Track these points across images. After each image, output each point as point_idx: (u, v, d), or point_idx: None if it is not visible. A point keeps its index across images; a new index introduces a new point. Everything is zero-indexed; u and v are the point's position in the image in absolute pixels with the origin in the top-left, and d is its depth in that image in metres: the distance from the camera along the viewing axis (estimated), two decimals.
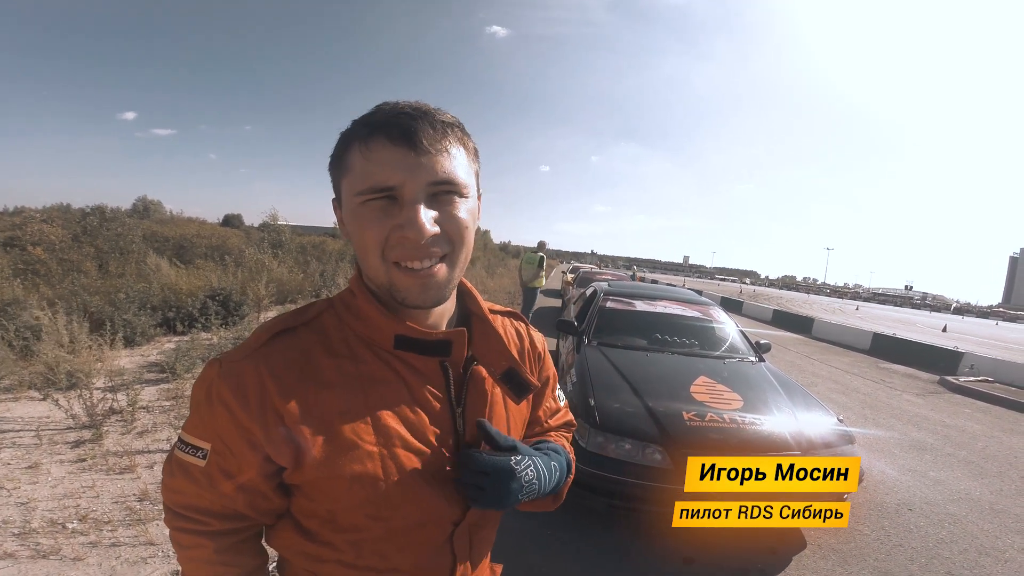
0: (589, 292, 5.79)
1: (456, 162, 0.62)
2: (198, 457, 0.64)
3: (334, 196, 0.68)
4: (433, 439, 0.67)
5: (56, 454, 3.21)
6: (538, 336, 0.90)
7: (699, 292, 5.82)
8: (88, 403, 3.57)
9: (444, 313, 0.72)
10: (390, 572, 0.67)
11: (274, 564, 0.76)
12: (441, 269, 0.62)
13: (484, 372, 0.73)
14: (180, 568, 0.71)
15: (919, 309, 58.92)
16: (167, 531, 0.73)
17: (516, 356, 0.78)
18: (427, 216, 0.59)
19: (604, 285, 5.65)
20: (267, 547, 0.75)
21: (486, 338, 0.75)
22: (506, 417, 0.75)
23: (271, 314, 8.37)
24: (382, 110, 0.61)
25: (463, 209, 0.63)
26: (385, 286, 0.63)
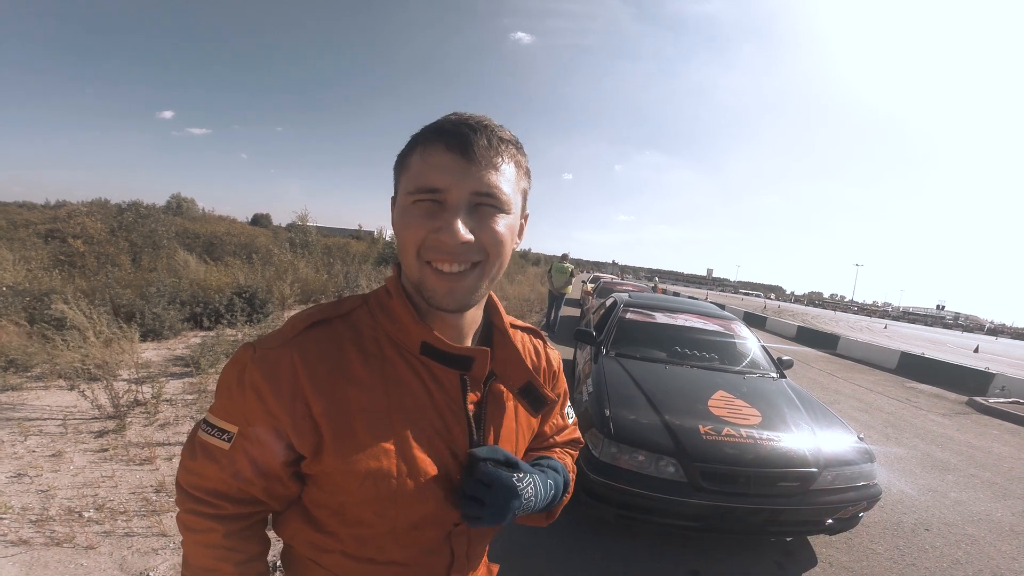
0: (609, 302, 5.73)
1: (504, 177, 0.64)
2: (223, 440, 0.65)
3: (393, 194, 0.71)
4: (446, 447, 0.69)
5: (80, 443, 3.29)
6: (554, 354, 0.92)
7: (721, 306, 5.72)
8: (113, 394, 3.66)
9: (472, 324, 0.74)
10: (389, 565, 0.70)
11: (276, 552, 0.79)
12: (469, 277, 0.64)
13: (502, 387, 0.76)
14: (183, 552, 0.71)
15: (951, 329, 56.84)
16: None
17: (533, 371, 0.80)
18: (465, 224, 0.61)
19: (625, 296, 5.60)
20: (270, 535, 0.77)
21: (506, 352, 0.77)
22: (516, 431, 0.78)
23: (295, 313, 8.49)
24: (449, 119, 0.64)
25: (502, 224, 0.65)
26: (416, 284, 0.65)
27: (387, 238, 20.05)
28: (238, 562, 0.69)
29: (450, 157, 0.61)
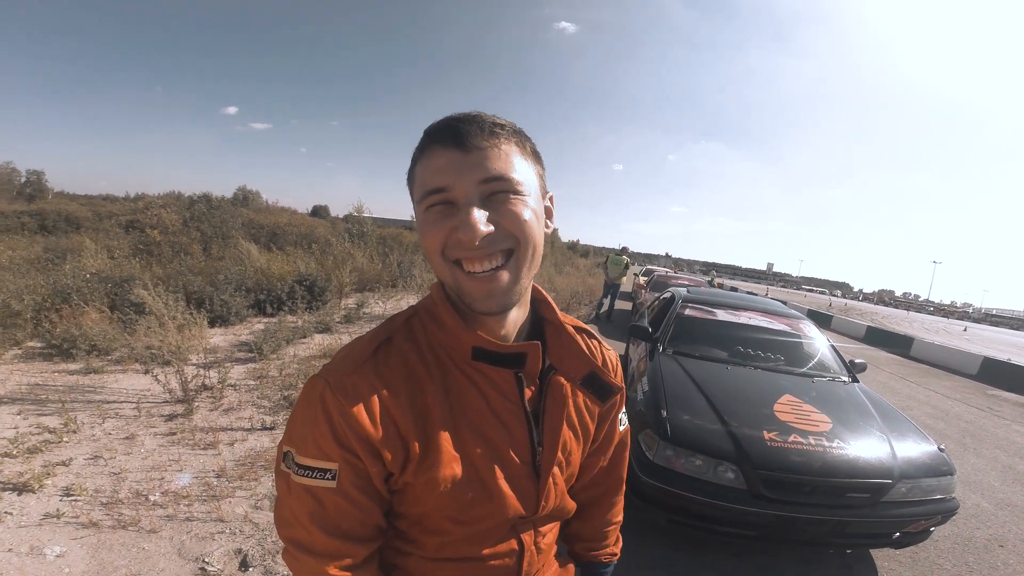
0: (666, 297, 5.51)
1: (508, 160, 0.61)
2: (327, 479, 0.62)
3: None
4: (509, 448, 0.70)
5: (151, 427, 3.48)
6: (612, 354, 0.89)
7: (784, 303, 5.39)
8: (183, 379, 3.85)
9: (517, 320, 0.72)
10: (464, 562, 0.72)
11: None
12: (504, 275, 0.62)
13: (563, 380, 0.75)
14: None
15: None
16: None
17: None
18: (480, 216, 0.59)
19: (683, 291, 5.35)
20: None
21: (562, 345, 0.76)
22: (577, 427, 0.78)
23: (351, 301, 8.75)
24: (438, 121, 0.63)
25: (521, 205, 0.62)
26: (454, 288, 0.65)
27: None
28: None
29: (446, 153, 0.60)
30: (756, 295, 6.29)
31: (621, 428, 0.94)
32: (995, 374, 10.65)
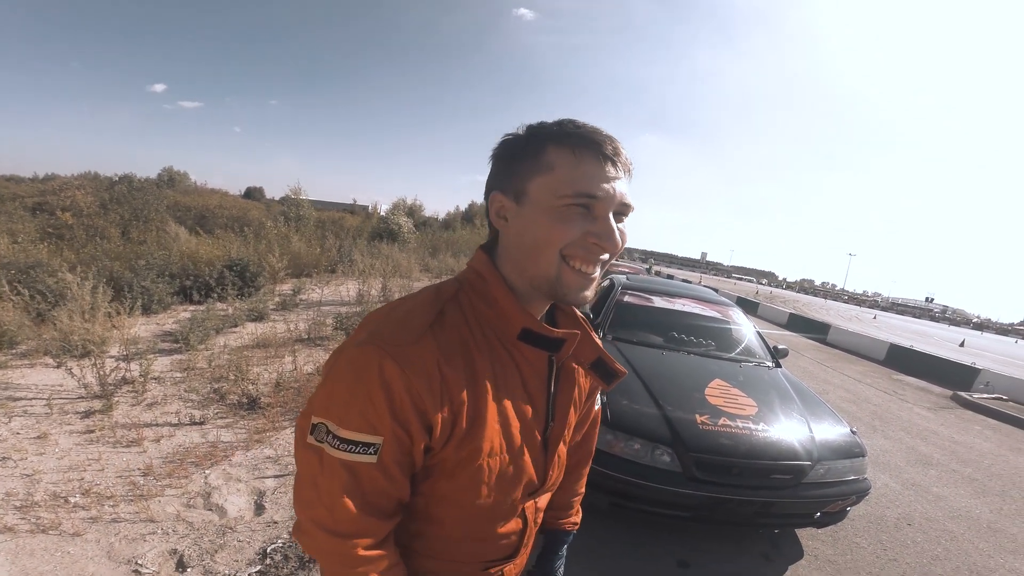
0: (606, 284, 5.67)
1: (629, 187, 0.70)
2: (369, 453, 0.63)
3: (499, 188, 0.72)
4: (535, 425, 0.76)
5: (66, 424, 3.23)
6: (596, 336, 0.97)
7: (715, 290, 5.68)
8: (101, 372, 3.58)
9: (545, 308, 0.79)
10: (471, 541, 0.77)
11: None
12: (598, 275, 0.70)
13: (574, 363, 0.82)
14: None
15: (938, 322, 57.47)
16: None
17: None
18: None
19: (622, 279, 5.51)
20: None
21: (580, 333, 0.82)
22: (579, 405, 0.87)
23: (287, 287, 8.41)
24: (586, 127, 0.68)
25: (625, 227, 0.71)
26: (550, 280, 0.69)
27: (381, 213, 19.83)
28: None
29: (603, 168, 0.65)
30: (691, 283, 6.60)
31: (597, 407, 1.04)
32: (899, 360, 11.67)
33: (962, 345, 21.38)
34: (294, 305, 7.39)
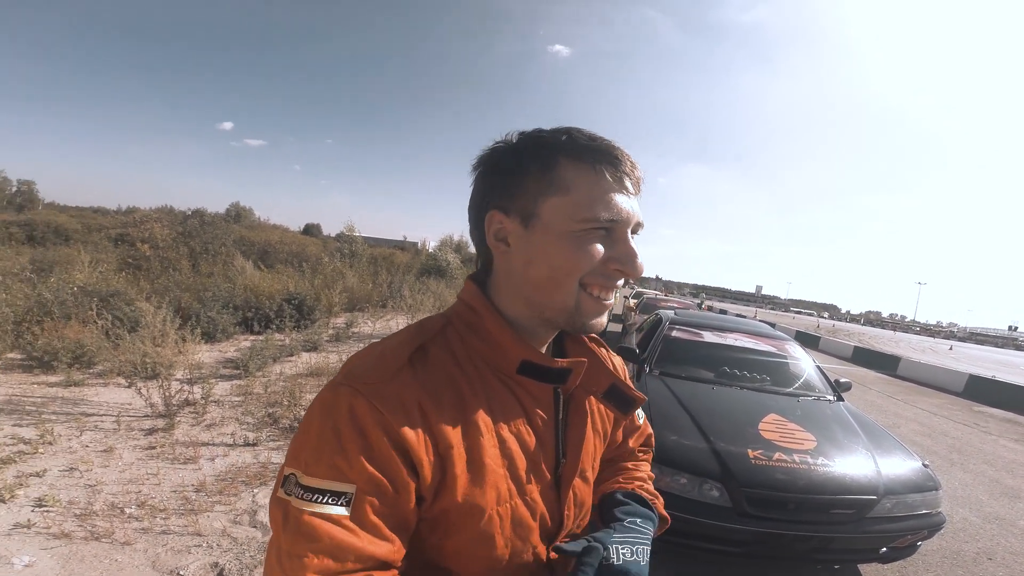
0: (653, 319, 5.55)
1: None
2: (339, 504, 0.52)
3: (498, 207, 0.64)
4: (544, 464, 0.67)
5: (131, 440, 3.42)
6: (619, 359, 0.89)
7: (772, 325, 5.45)
8: (167, 393, 3.79)
9: (551, 336, 0.73)
10: None
11: None
12: (612, 301, 0.65)
13: (583, 393, 0.74)
14: None
15: None
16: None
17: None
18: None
19: (670, 313, 5.40)
20: None
21: (587, 359, 0.74)
22: (594, 439, 0.77)
23: (340, 320, 8.71)
24: (600, 139, 0.62)
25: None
26: (568, 310, 0.63)
27: (430, 250, 20.39)
28: None
29: (623, 188, 0.61)
30: (744, 317, 6.37)
31: (640, 422, 0.97)
32: (980, 391, 10.81)
33: None
34: (347, 337, 7.63)
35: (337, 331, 7.81)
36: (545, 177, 0.60)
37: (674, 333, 4.50)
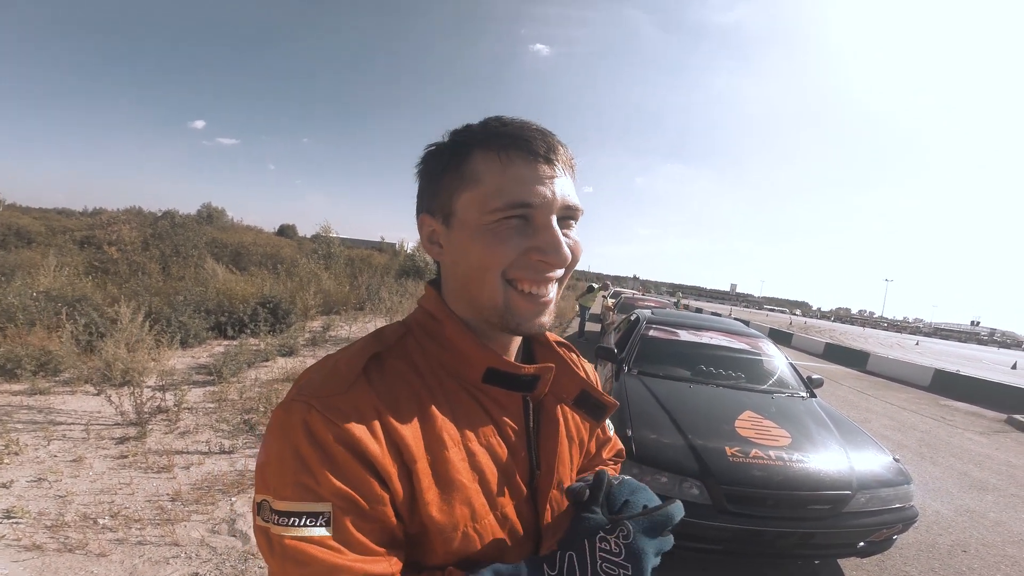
0: (631, 319, 5.63)
1: (574, 186, 0.61)
2: (318, 525, 0.49)
3: (426, 209, 0.63)
4: (518, 476, 0.64)
5: (101, 448, 3.32)
6: (590, 366, 0.88)
7: (746, 322, 5.58)
8: (138, 400, 3.70)
9: (518, 341, 0.70)
10: None
11: None
12: (553, 295, 0.61)
13: (554, 401, 0.70)
14: None
15: (986, 345, 54.53)
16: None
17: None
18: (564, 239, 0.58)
19: (647, 312, 5.48)
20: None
21: (556, 365, 0.71)
22: (569, 448, 0.73)
23: (317, 323, 8.59)
24: (512, 123, 0.59)
25: (576, 234, 0.62)
26: (498, 309, 0.59)
27: (408, 250, 20.27)
28: None
29: (537, 167, 0.56)
30: (719, 315, 6.52)
31: (611, 433, 0.91)
32: (946, 385, 11.21)
33: (1015, 367, 20.74)
34: (324, 341, 7.53)
35: (314, 335, 7.70)
36: (458, 172, 0.58)
37: (651, 332, 4.57)
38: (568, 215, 0.59)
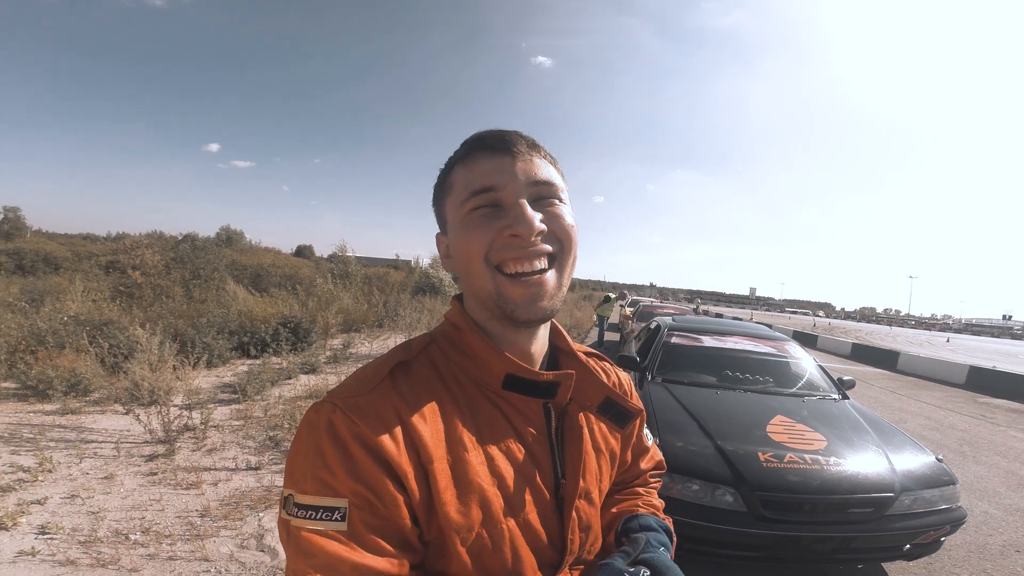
0: (652, 327, 5.56)
1: (550, 169, 0.63)
2: (335, 520, 0.51)
3: (439, 230, 0.69)
4: (540, 482, 0.64)
5: (131, 466, 3.37)
6: (624, 375, 0.87)
7: (768, 326, 5.48)
8: (165, 419, 3.75)
9: (542, 349, 0.70)
10: None
11: None
12: (550, 277, 0.61)
13: (577, 409, 0.70)
14: None
15: (1021, 340, 52.69)
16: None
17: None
18: (534, 212, 0.59)
19: (668, 319, 5.42)
20: None
21: (578, 372, 0.71)
22: (596, 457, 0.73)
23: (337, 341, 8.66)
24: (478, 133, 0.64)
25: (565, 211, 0.63)
26: (493, 297, 0.61)
27: (423, 267, 20.41)
28: None
29: (495, 158, 0.60)
30: (741, 320, 6.43)
31: (649, 443, 0.91)
32: (983, 381, 10.88)
33: None
34: (345, 358, 7.60)
35: (335, 352, 7.77)
36: (444, 186, 0.65)
37: (673, 339, 4.51)
38: (544, 193, 0.61)
